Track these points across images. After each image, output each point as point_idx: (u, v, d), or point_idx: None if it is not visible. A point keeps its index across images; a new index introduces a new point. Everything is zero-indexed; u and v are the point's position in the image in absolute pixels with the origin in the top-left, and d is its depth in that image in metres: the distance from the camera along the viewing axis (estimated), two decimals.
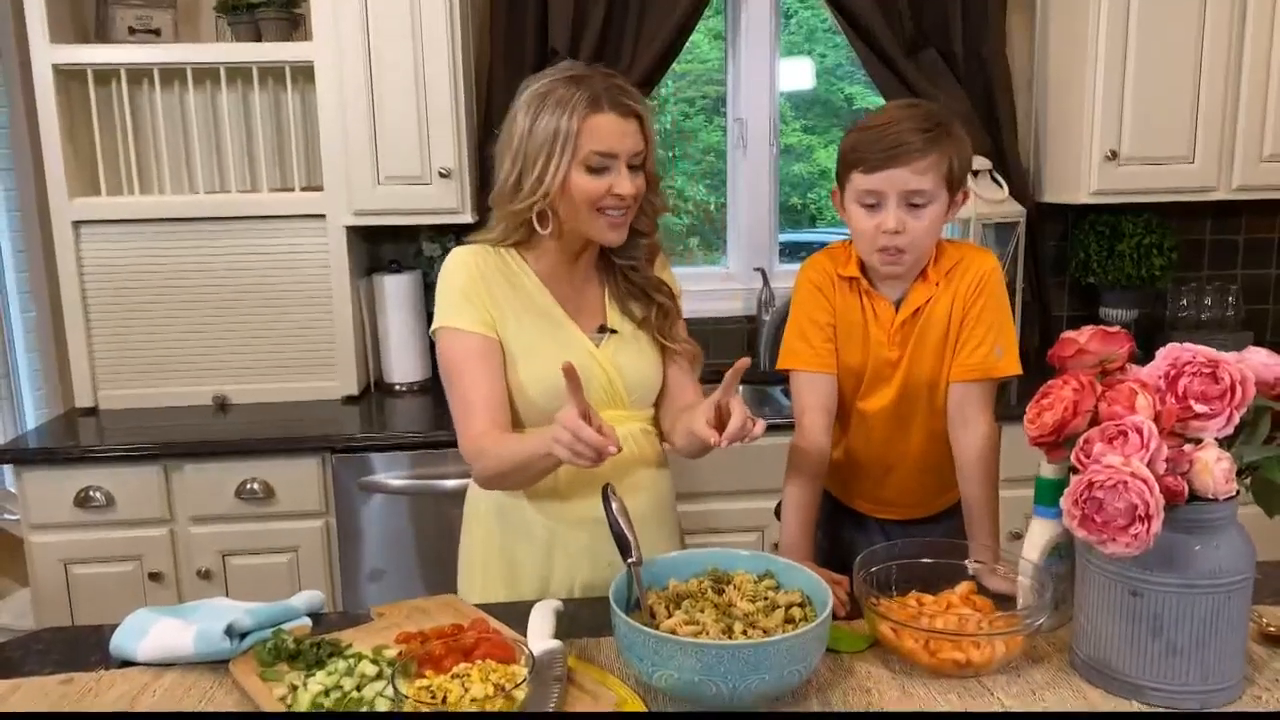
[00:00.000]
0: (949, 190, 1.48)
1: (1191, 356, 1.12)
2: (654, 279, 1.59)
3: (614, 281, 1.58)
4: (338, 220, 2.66)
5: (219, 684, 1.24)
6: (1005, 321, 1.55)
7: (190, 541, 2.44)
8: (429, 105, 2.58)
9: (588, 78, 1.44)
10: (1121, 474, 1.03)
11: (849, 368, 1.59)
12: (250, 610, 1.33)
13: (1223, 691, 1.13)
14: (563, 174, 1.42)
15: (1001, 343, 1.53)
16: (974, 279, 1.54)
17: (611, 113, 1.42)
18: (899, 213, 1.46)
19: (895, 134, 1.44)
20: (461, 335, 1.49)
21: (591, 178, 1.43)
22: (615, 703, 1.14)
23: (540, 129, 1.42)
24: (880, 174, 1.45)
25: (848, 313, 1.58)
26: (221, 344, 2.73)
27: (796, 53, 3.31)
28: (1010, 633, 1.19)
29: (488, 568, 1.58)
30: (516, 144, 1.45)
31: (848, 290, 1.59)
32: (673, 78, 3.27)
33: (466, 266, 1.51)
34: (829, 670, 1.23)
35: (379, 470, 2.45)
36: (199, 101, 2.71)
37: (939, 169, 1.45)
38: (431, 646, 1.16)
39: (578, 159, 1.42)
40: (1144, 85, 2.68)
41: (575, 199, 1.44)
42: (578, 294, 1.56)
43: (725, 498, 2.48)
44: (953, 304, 1.54)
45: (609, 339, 1.55)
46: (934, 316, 1.55)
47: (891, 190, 1.46)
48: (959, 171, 1.48)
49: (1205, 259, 3.13)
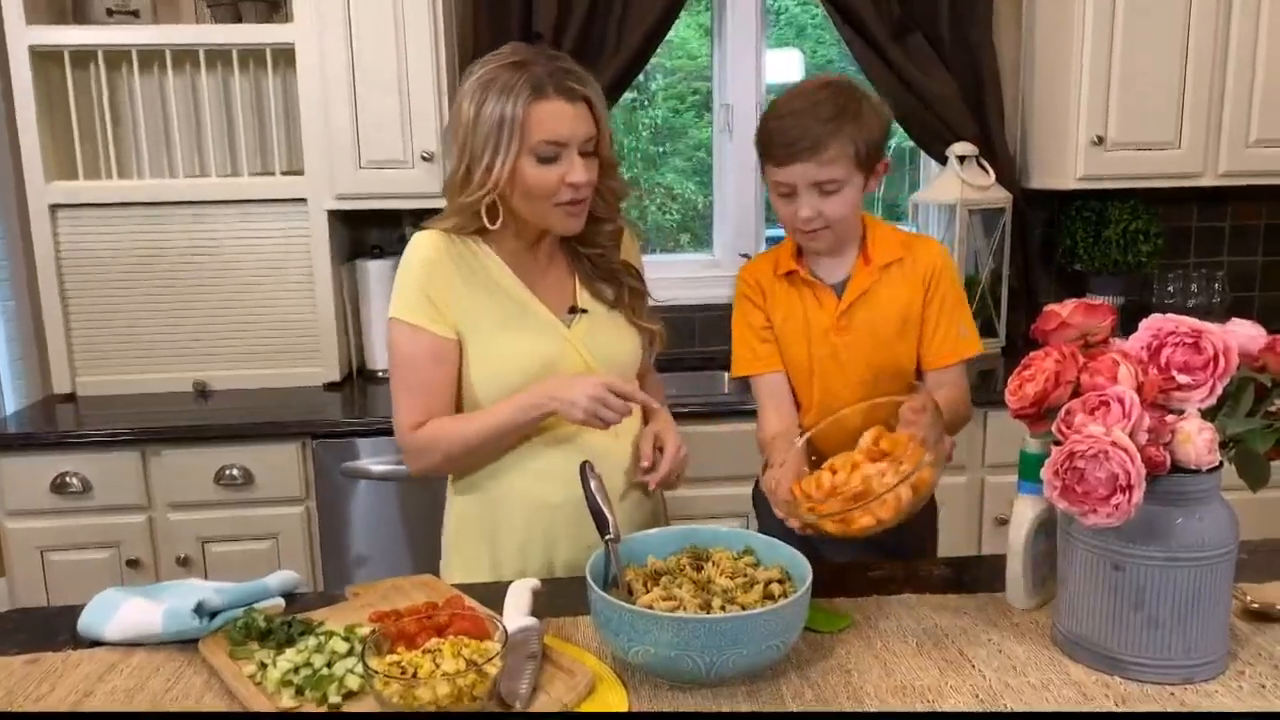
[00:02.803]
0: (862, 169, 1.47)
1: (1174, 327, 1.11)
2: (622, 263, 1.56)
3: (582, 264, 1.55)
4: (319, 204, 2.64)
5: (188, 663, 1.22)
6: (963, 302, 1.61)
7: (169, 528, 2.42)
8: (411, 88, 2.55)
9: (531, 63, 1.38)
10: (1103, 443, 1.02)
11: (797, 363, 1.61)
12: (221, 589, 1.31)
13: (1205, 666, 1.12)
14: (510, 165, 1.38)
15: (964, 324, 1.58)
16: (926, 272, 1.56)
17: (558, 98, 1.37)
18: (812, 201, 1.47)
19: (797, 128, 1.44)
20: (416, 333, 1.46)
21: (542, 168, 1.39)
22: (592, 680, 1.13)
23: (485, 118, 1.37)
24: (786, 168, 1.45)
25: (787, 308, 1.60)
26: (201, 330, 2.70)
27: (785, 47, 3.29)
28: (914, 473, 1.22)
29: (467, 549, 1.56)
30: (463, 135, 1.40)
31: (787, 287, 1.60)
32: (662, 73, 3.27)
33: (427, 256, 1.47)
34: (808, 649, 1.22)
35: (363, 456, 2.43)
36: (179, 85, 2.67)
37: (845, 155, 1.44)
38: (404, 623, 1.13)
39: (526, 149, 1.37)
40: (1131, 70, 2.67)
41: (527, 190, 1.40)
42: (545, 277, 1.53)
43: (709, 484, 2.46)
44: (910, 296, 1.56)
45: (580, 319, 1.52)
46: (884, 308, 1.56)
47: (800, 182, 1.46)
48: (868, 151, 1.46)
49: (1191, 246, 3.13)
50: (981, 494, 2.59)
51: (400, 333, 1.47)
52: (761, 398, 1.64)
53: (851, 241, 1.58)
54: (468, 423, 1.46)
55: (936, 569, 1.47)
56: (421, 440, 1.47)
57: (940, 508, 2.55)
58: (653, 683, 1.15)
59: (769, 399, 1.62)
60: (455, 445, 1.46)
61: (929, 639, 1.24)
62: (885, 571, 1.46)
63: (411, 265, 1.47)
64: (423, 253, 1.47)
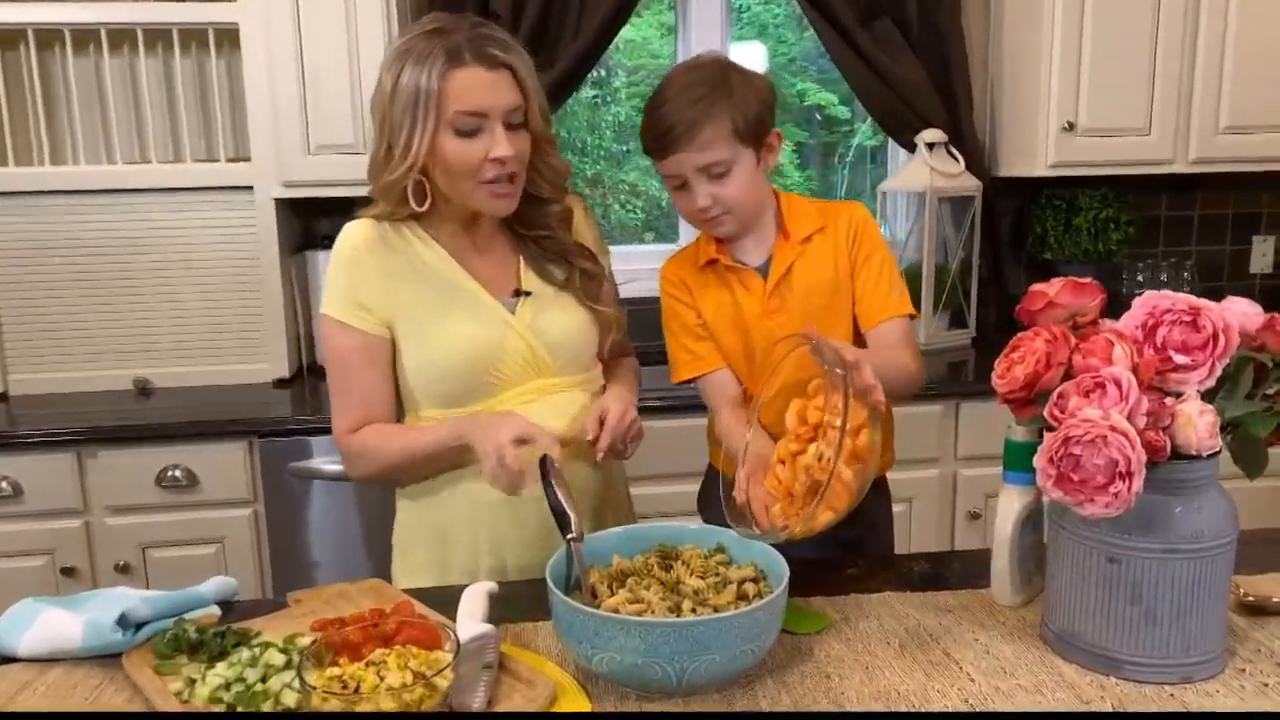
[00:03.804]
0: (748, 144, 1.40)
1: (1171, 304, 1.04)
2: (572, 244, 1.46)
3: (527, 246, 1.46)
4: (266, 192, 2.52)
5: (110, 680, 1.11)
6: (891, 262, 1.51)
7: (107, 533, 2.29)
8: (363, 69, 2.44)
9: (450, 30, 1.29)
10: (1100, 428, 0.95)
11: (735, 354, 1.52)
12: (149, 599, 1.20)
13: (1205, 664, 1.06)
14: (429, 140, 1.28)
15: (895, 280, 1.48)
16: (848, 233, 1.49)
17: (476, 65, 1.27)
18: (704, 188, 1.40)
19: (667, 118, 1.37)
20: (345, 330, 1.38)
21: (463, 142, 1.28)
22: (553, 691, 1.04)
23: (402, 91, 1.27)
24: (667, 160, 1.39)
25: (715, 300, 1.51)
26: (142, 324, 2.57)
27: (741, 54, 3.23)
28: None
29: (416, 551, 1.47)
30: (382, 110, 1.31)
31: (711, 277, 1.51)
32: (625, 71, 3.19)
33: (355, 248, 1.37)
34: (784, 652, 1.14)
35: (315, 455, 2.32)
36: (116, 67, 2.54)
37: (722, 135, 1.37)
38: (348, 632, 1.04)
39: (444, 121, 1.27)
40: (1101, 55, 2.63)
41: (448, 167, 1.30)
42: (487, 262, 1.43)
43: (671, 480, 2.36)
44: (836, 261, 1.48)
45: (524, 302, 1.42)
46: (812, 279, 1.48)
47: (686, 171, 1.39)
48: (748, 126, 1.39)
49: (1161, 235, 3.10)
50: (954, 488, 2.53)
51: (330, 329, 1.39)
52: (710, 398, 1.53)
53: (767, 220, 1.50)
54: (393, 439, 1.38)
55: (917, 565, 1.40)
56: (355, 446, 1.40)
57: (910, 502, 2.52)
58: (619, 692, 1.06)
59: (717, 398, 1.51)
60: (382, 460, 1.39)
61: (912, 640, 1.16)
62: (862, 569, 1.39)
63: (338, 259, 1.38)
64: (349, 246, 1.38)
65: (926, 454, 2.48)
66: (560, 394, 1.43)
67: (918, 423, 2.44)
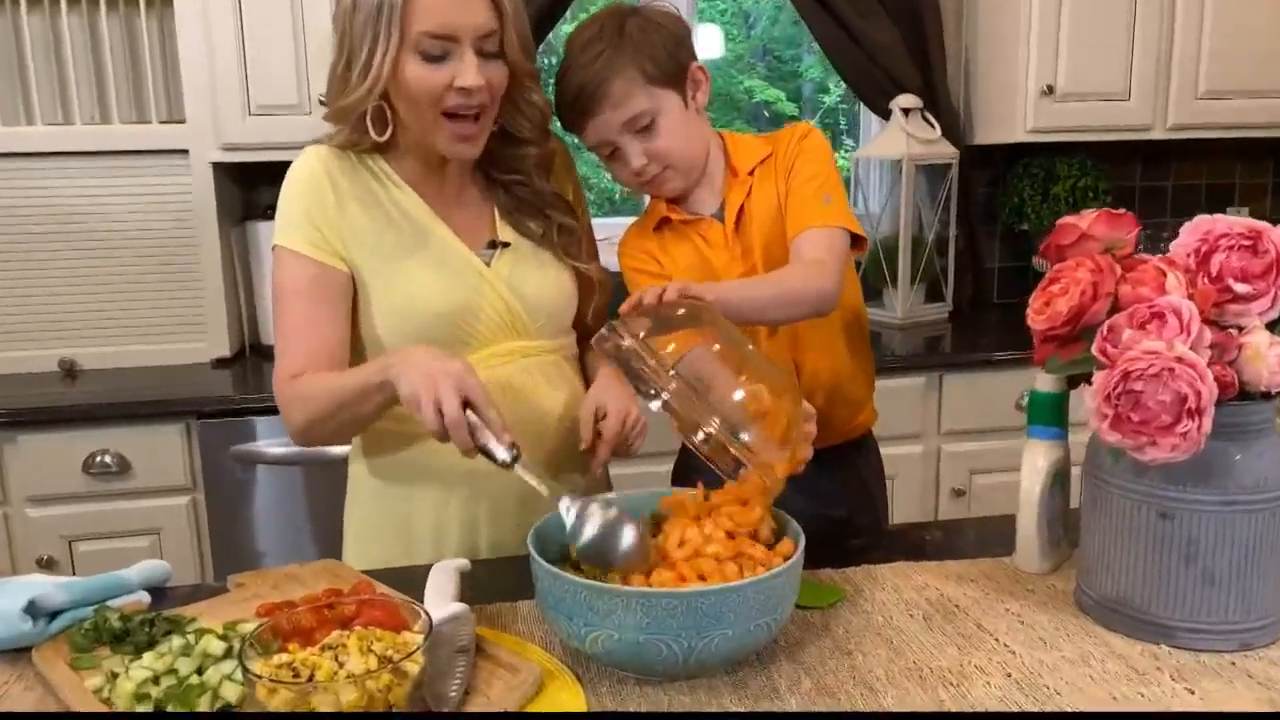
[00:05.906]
0: (668, 86, 1.29)
1: (1227, 228, 0.94)
2: (549, 193, 1.31)
3: (498, 193, 1.31)
4: (203, 156, 2.33)
5: (18, 678, 0.95)
6: (829, 173, 1.35)
7: (28, 525, 2.10)
8: (305, 23, 2.26)
9: None
10: (1166, 359, 0.83)
11: None
12: (65, 585, 1.05)
13: (1266, 629, 0.95)
14: (391, 61, 1.13)
15: (828, 190, 1.33)
16: (787, 144, 1.36)
17: None
18: (635, 146, 1.30)
19: (573, 83, 1.27)
20: (298, 260, 1.21)
21: (427, 67, 1.14)
22: (539, 677, 0.90)
23: (364, 3, 1.13)
24: (586, 130, 1.30)
25: (684, 260, 1.38)
26: (68, 301, 2.37)
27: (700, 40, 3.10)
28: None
29: (369, 534, 1.32)
30: (342, 23, 1.16)
31: (669, 237, 1.39)
32: None
33: (311, 172, 1.22)
34: (797, 629, 1.01)
35: (259, 438, 2.14)
36: (36, 24, 2.33)
37: (634, 84, 1.27)
38: (299, 615, 0.89)
39: (407, 42, 1.13)
40: (1080, 17, 2.55)
41: (408, 94, 1.15)
42: (460, 206, 1.28)
43: (650, 460, 2.23)
44: (778, 187, 1.36)
45: (501, 254, 1.27)
46: (767, 210, 1.35)
47: (611, 135, 1.30)
48: (661, 66, 1.28)
49: (1136, 205, 3.04)
50: (938, 464, 2.43)
51: (282, 262, 1.23)
52: None
53: (716, 164, 1.38)
54: (325, 380, 1.18)
55: (928, 533, 1.28)
56: (289, 393, 1.20)
57: (892, 480, 2.41)
58: (614, 677, 0.93)
59: None
60: (312, 409, 1.18)
61: (937, 612, 1.04)
62: (867, 538, 1.27)
63: (293, 183, 1.23)
64: (306, 169, 1.23)
65: (909, 429, 2.38)
66: (536, 357, 1.29)
67: (899, 396, 2.33)
